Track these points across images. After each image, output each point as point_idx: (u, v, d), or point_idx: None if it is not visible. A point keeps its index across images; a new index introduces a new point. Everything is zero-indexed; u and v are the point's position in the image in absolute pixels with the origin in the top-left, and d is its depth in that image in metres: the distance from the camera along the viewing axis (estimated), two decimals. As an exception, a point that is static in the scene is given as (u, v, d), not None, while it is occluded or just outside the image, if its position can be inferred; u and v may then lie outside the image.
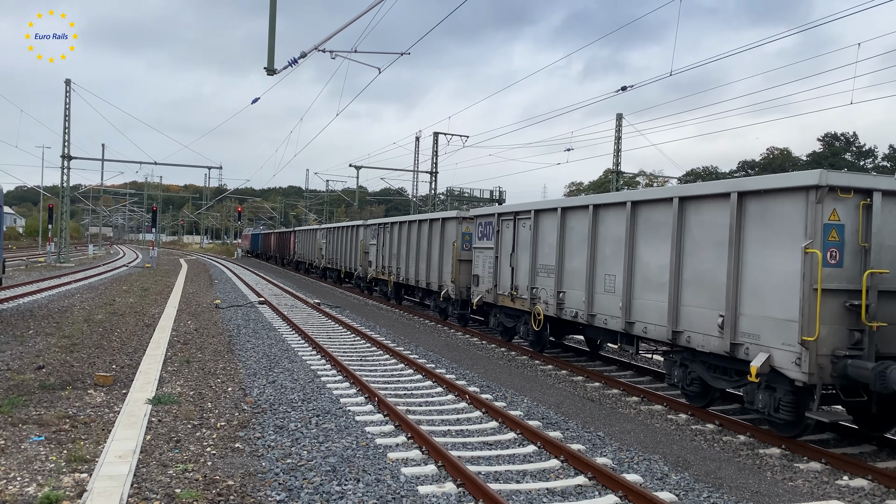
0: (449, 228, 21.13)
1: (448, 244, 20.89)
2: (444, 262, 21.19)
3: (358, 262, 32.73)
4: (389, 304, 27.56)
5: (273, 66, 16.57)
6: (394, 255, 26.43)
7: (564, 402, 11.44)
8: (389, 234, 27.04)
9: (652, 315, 11.33)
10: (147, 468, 7.16)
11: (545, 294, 14.76)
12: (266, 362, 13.72)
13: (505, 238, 16.73)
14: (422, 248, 23.27)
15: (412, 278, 24.33)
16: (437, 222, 22.19)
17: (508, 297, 16.35)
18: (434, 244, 22.17)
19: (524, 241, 15.76)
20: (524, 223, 15.83)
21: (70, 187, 50.06)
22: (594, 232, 13.03)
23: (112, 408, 9.60)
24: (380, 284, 29.45)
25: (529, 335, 15.73)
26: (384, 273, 27.71)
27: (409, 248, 24.66)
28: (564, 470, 7.85)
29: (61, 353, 13.55)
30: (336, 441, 8.54)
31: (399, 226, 26.10)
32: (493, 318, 17.86)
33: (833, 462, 8.50)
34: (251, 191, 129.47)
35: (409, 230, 24.62)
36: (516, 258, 16.10)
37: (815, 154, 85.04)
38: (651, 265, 11.46)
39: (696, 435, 9.85)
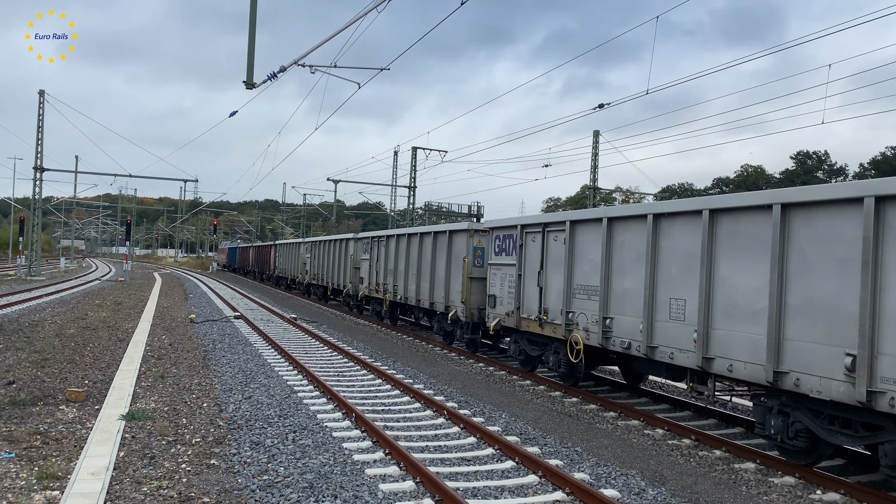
0: (458, 242, 18.86)
1: (457, 260, 18.72)
2: (452, 280, 18.94)
3: (347, 278, 30.31)
4: (382, 325, 25.30)
5: (252, 79, 16.54)
6: (390, 272, 24.13)
7: (542, 418, 11.46)
8: (385, 249, 24.75)
9: (740, 350, 9.20)
10: (120, 485, 7.05)
11: (585, 320, 12.64)
12: (242, 377, 13.58)
13: (530, 253, 14.66)
14: (424, 263, 21.01)
15: (412, 297, 21.94)
16: (443, 235, 19.89)
17: (535, 322, 14.21)
18: (439, 259, 19.91)
19: (556, 256, 13.70)
20: (556, 236, 13.76)
21: (42, 199, 49.35)
22: (654, 246, 10.95)
23: (84, 424, 9.45)
24: (372, 303, 26.78)
25: (561, 366, 13.60)
26: (378, 291, 25.36)
27: (408, 264, 22.37)
28: (542, 485, 7.86)
29: (32, 368, 13.31)
30: (313, 457, 8.48)
31: (397, 239, 23.63)
32: (513, 345, 15.74)
33: (807, 476, 8.60)
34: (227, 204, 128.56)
35: (410, 244, 22.31)
36: (545, 277, 14.04)
37: (788, 172, 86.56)
38: (739, 288, 9.36)
39: (673, 450, 9.92)
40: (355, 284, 28.93)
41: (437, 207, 60.65)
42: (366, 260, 27.04)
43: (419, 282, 21.30)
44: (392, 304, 24.43)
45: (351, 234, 31.77)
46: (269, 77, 16.76)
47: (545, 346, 14.37)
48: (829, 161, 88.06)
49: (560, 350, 13.57)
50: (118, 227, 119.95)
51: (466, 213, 59.44)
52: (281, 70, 16.80)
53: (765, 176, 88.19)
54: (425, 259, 20.94)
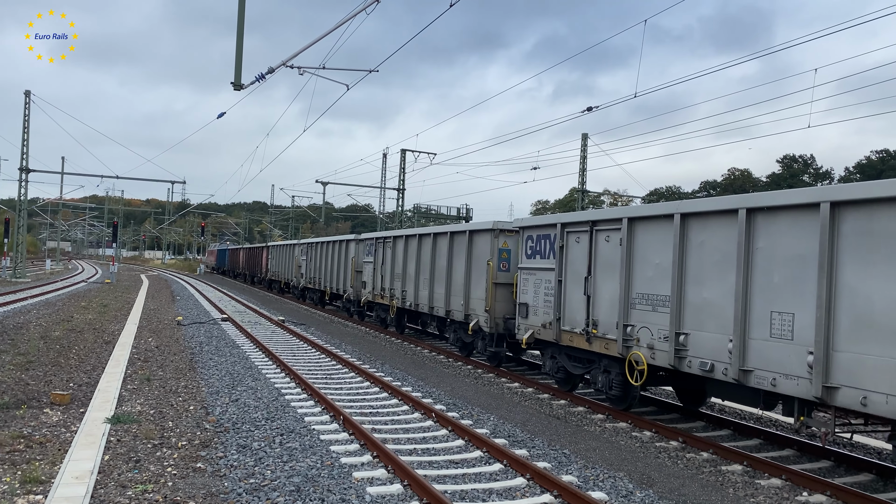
0: (480, 243, 16.90)
1: (478, 263, 16.81)
2: (473, 286, 17.02)
3: (348, 282, 28.24)
4: (387, 333, 23.43)
5: (240, 81, 16.48)
6: (397, 276, 22.08)
7: (530, 420, 11.46)
8: (392, 250, 22.65)
9: (880, 379, 7.50)
10: (105, 489, 6.98)
11: (648, 335, 10.85)
12: (229, 380, 13.50)
13: (574, 256, 12.85)
14: (439, 267, 19.10)
15: (424, 304, 19.98)
16: (461, 236, 17.98)
17: (581, 336, 12.41)
18: (457, 263, 18.01)
19: (608, 260, 11.90)
20: (608, 236, 11.98)
21: (28, 201, 48.95)
22: (748, 248, 9.20)
23: (69, 427, 9.36)
24: (376, 309, 24.82)
25: (612, 387, 11.90)
26: (383, 296, 23.30)
27: (419, 268, 20.45)
28: (530, 488, 7.85)
29: (16, 370, 13.18)
30: (300, 460, 8.43)
31: (406, 240, 21.60)
32: (548, 361, 13.87)
33: (793, 478, 8.64)
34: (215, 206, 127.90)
35: (421, 245, 20.37)
36: (594, 284, 12.24)
37: (775, 175, 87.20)
38: (876, 300, 7.67)
39: (661, 452, 9.94)
40: (357, 289, 26.99)
41: (427, 210, 60.64)
42: (369, 263, 25.13)
43: (433, 287, 19.46)
44: (400, 312, 22.43)
45: (352, 234, 30.01)
46: (257, 78, 16.71)
47: (590, 363, 12.61)
48: (815, 165, 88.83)
49: (612, 369, 11.86)
50: (105, 228, 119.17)
51: (455, 215, 59.49)
52: (269, 71, 16.75)
53: (751, 179, 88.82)
54: (440, 262, 19.08)
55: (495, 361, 16.49)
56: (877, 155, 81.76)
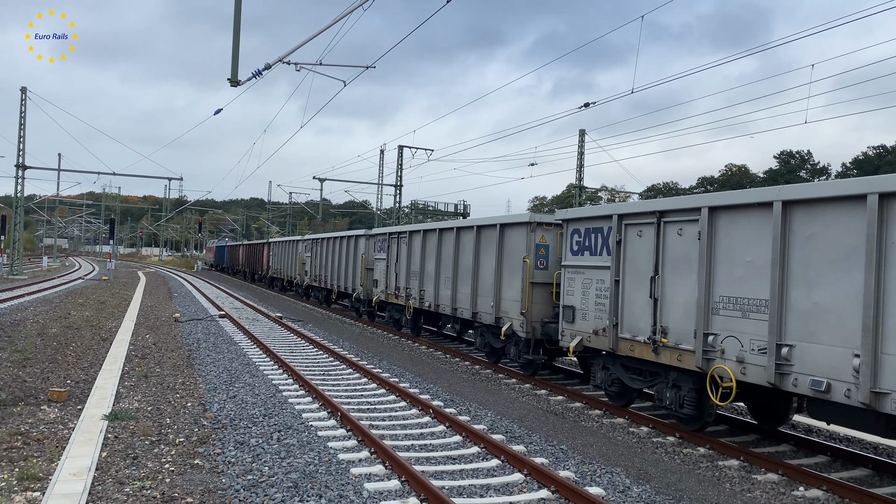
0: (513, 238, 15.23)
1: (511, 260, 15.18)
2: (505, 286, 15.37)
3: (357, 280, 26.52)
4: (401, 335, 21.89)
5: (237, 77, 16.44)
6: (414, 274, 20.43)
7: (528, 416, 11.48)
8: (408, 247, 20.91)
9: None
10: (103, 486, 6.99)
11: (737, 346, 9.23)
12: (227, 377, 13.50)
13: (635, 252, 11.16)
14: (463, 264, 17.48)
15: (446, 305, 18.34)
16: (490, 230, 16.31)
17: (646, 346, 10.74)
18: (485, 260, 16.40)
19: (681, 257, 10.17)
20: (681, 229, 10.24)
21: (24, 197, 48.84)
22: (880, 242, 7.67)
23: (66, 424, 9.35)
24: (389, 310, 23.11)
25: (683, 405, 10.24)
26: (397, 296, 21.60)
27: (440, 265, 18.82)
28: (528, 483, 7.87)
29: (13, 367, 13.16)
30: (298, 457, 8.44)
31: (424, 235, 19.96)
32: (600, 372, 12.29)
33: (790, 473, 8.67)
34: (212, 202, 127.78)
35: (442, 241, 18.79)
36: (661, 284, 10.45)
37: (772, 171, 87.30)
38: None
39: (658, 448, 9.96)
40: (367, 288, 25.25)
41: (424, 206, 60.65)
42: (382, 259, 23.32)
43: (456, 287, 17.77)
44: (416, 313, 20.72)
45: (363, 229, 28.43)
46: (253, 74, 16.67)
47: (654, 376, 11.02)
48: (812, 160, 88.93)
49: (683, 384, 10.27)
50: (102, 225, 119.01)
51: (453, 211, 59.51)
52: (266, 67, 16.71)
53: (749, 175, 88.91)
54: (465, 259, 17.43)
55: (530, 370, 14.76)
56: (874, 150, 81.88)
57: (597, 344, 12.08)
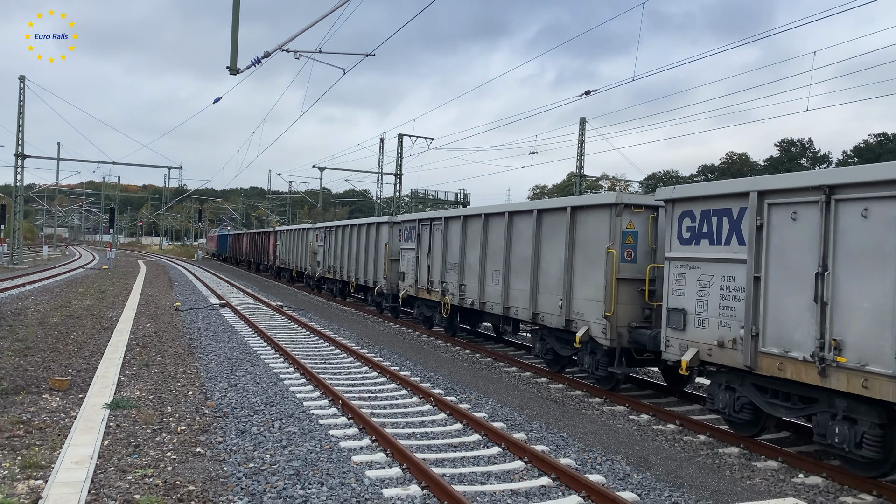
0: (591, 224, 12.56)
1: (589, 250, 12.54)
2: (580, 282, 12.77)
3: (380, 273, 24.10)
4: (431, 334, 19.58)
5: (236, 65, 16.38)
6: (452, 267, 18.06)
7: (528, 404, 11.51)
8: (443, 235, 18.50)
9: None
10: (105, 474, 7.01)
11: None
12: (227, 365, 13.53)
13: (787, 240, 8.73)
14: (518, 255, 14.96)
15: (494, 303, 15.78)
16: (556, 214, 13.66)
17: (807, 365, 8.29)
18: (549, 250, 13.79)
19: (867, 246, 7.77)
20: (865, 209, 7.83)
21: (24, 187, 48.79)
22: None
23: (68, 413, 9.38)
24: (418, 306, 20.65)
25: (861, 444, 7.83)
26: (429, 291, 19.35)
27: (485, 257, 16.30)
28: (528, 471, 7.90)
29: (15, 356, 13.19)
30: (299, 444, 8.47)
31: (465, 222, 17.44)
32: (723, 394, 9.66)
33: (789, 460, 8.70)
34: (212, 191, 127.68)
35: (489, 228, 16.25)
36: (832, 284, 8.08)
37: (773, 159, 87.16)
38: None
39: (658, 435, 10.00)
40: (392, 281, 22.97)
41: (424, 195, 60.61)
42: (409, 250, 21.02)
43: (508, 282, 15.23)
44: (454, 311, 18.35)
45: (385, 216, 26.40)
46: (253, 63, 16.60)
47: (810, 403, 8.60)
48: (813, 148, 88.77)
49: (862, 417, 7.89)
50: (102, 214, 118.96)
51: (453, 200, 59.49)
52: (265, 55, 16.64)
53: (749, 163, 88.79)
54: (520, 249, 14.88)
55: (609, 384, 12.26)
56: (875, 138, 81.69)
57: (722, 359, 9.46)
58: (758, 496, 7.51)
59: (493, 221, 16.13)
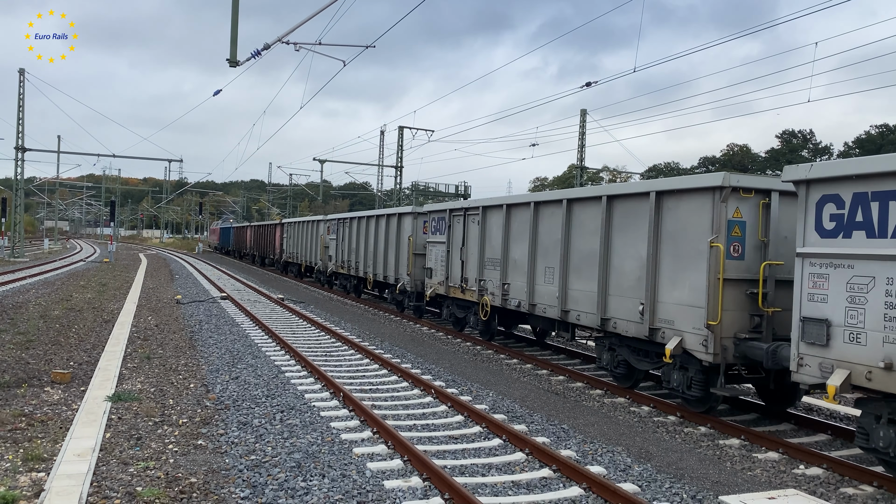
0: (683, 211, 10.37)
1: (682, 244, 10.35)
2: (668, 282, 10.60)
3: (403, 268, 22.10)
4: (465, 338, 17.50)
5: (235, 57, 16.34)
6: (492, 262, 15.86)
7: (529, 396, 11.52)
8: (480, 227, 16.48)
9: None
10: (107, 466, 7.03)
11: None
12: (229, 357, 13.55)
13: None
14: (578, 249, 12.82)
15: (547, 305, 13.66)
16: (634, 201, 11.43)
17: None
18: (624, 244, 11.62)
19: None
20: None
21: (24, 180, 48.78)
22: None
23: (70, 405, 9.40)
24: (449, 306, 18.57)
25: None
26: (464, 290, 17.21)
27: (535, 252, 14.17)
28: (529, 462, 7.91)
29: (16, 349, 13.21)
30: (301, 437, 8.48)
31: (507, 211, 15.27)
32: (884, 432, 7.65)
33: (790, 451, 8.71)
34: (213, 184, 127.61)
35: (540, 218, 14.11)
36: None
37: (774, 151, 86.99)
38: None
39: (659, 427, 10.01)
40: (417, 278, 20.96)
41: (425, 187, 60.59)
42: (439, 243, 18.90)
43: (566, 282, 13.11)
44: (494, 312, 16.13)
45: (409, 206, 24.61)
46: (253, 55, 16.56)
47: None
48: (815, 140, 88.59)
49: None
50: (102, 207, 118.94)
51: (454, 192, 59.48)
52: (265, 48, 16.60)
53: (750, 155, 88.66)
54: (581, 243, 12.76)
55: (703, 406, 10.29)
56: (876, 129, 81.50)
57: (890, 385, 7.37)
58: (759, 487, 7.53)
59: (546, 211, 13.90)
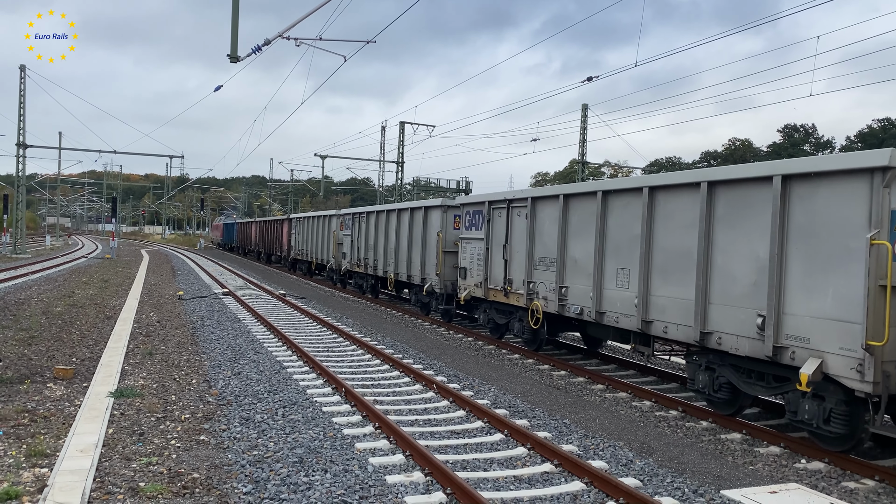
0: (824, 200, 8.34)
1: (822, 242, 8.30)
2: (799, 290, 8.52)
3: (431, 268, 20.06)
4: (512, 348, 15.49)
5: (236, 53, 16.33)
6: (544, 263, 13.83)
7: (531, 391, 11.53)
8: (529, 221, 14.35)
9: None
10: (110, 462, 7.05)
11: None
12: (231, 353, 13.57)
13: None
14: (665, 247, 10.67)
15: (621, 314, 11.52)
16: (754, 187, 9.17)
17: None
18: (732, 240, 9.43)
19: None
20: None
21: (26, 176, 48.81)
22: None
23: (73, 401, 9.42)
24: (487, 310, 16.60)
25: None
26: (507, 293, 15.19)
27: (604, 249, 12.05)
28: (531, 457, 7.92)
29: (19, 346, 13.23)
30: (303, 432, 8.50)
31: (566, 202, 13.24)
32: None
33: (791, 446, 8.72)
34: (214, 180, 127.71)
35: (609, 209, 12.03)
36: None
37: (776, 145, 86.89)
38: None
39: (660, 421, 10.02)
40: (446, 278, 19.06)
41: (426, 182, 60.59)
42: (474, 240, 16.90)
43: (647, 286, 10.91)
44: (546, 319, 14.02)
45: (438, 198, 22.32)
46: (253, 50, 16.55)
47: None
48: (816, 134, 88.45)
49: None
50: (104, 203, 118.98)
51: (455, 188, 59.49)
52: (266, 43, 16.59)
53: (752, 149, 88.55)
54: (669, 238, 10.57)
55: (845, 444, 8.33)
56: (878, 123, 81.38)
57: None
58: (760, 481, 7.54)
59: (618, 201, 11.85)
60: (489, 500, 6.41)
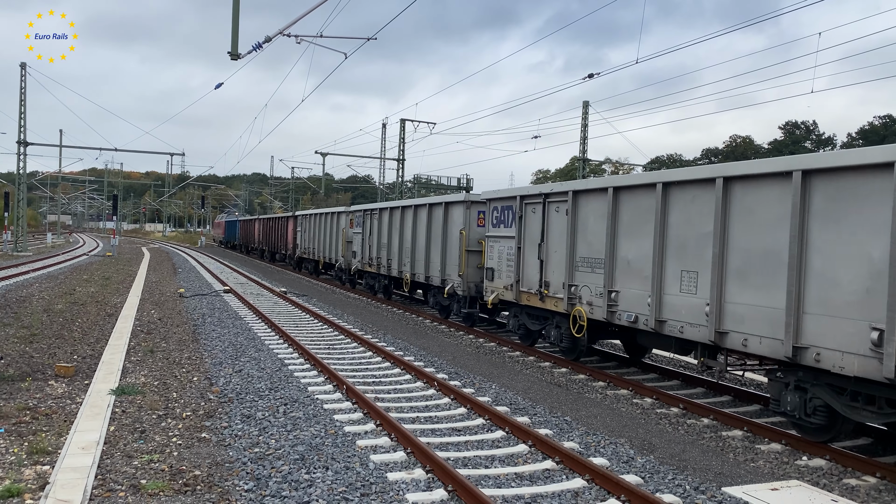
0: None
1: None
2: None
3: (454, 268, 18.56)
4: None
5: (237, 50, 16.32)
6: (588, 264, 12.47)
7: (532, 388, 11.54)
8: (570, 217, 12.97)
9: None
10: (111, 459, 7.05)
11: None
12: (232, 351, 13.57)
13: None
14: (743, 247, 9.23)
15: (686, 323, 10.09)
16: (862, 175, 7.76)
17: None
18: (832, 239, 8.07)
19: None
20: None
21: (27, 174, 48.82)
22: None
23: (74, 399, 9.43)
24: (518, 315, 15.26)
25: None
26: (543, 297, 13.77)
27: (665, 249, 10.62)
28: (532, 454, 7.93)
29: (20, 343, 13.24)
30: (304, 429, 8.50)
31: (615, 195, 11.83)
32: None
33: (793, 443, 8.72)
34: (215, 178, 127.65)
35: (670, 203, 10.58)
36: None
37: (777, 142, 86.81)
38: None
39: (661, 419, 10.02)
40: (469, 280, 17.68)
41: (427, 180, 60.56)
42: (503, 238, 15.46)
43: (722, 292, 9.46)
44: (592, 327, 12.67)
45: (461, 194, 20.77)
46: (254, 48, 16.53)
47: None
48: (818, 131, 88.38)
49: None
50: (105, 201, 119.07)
51: (456, 185, 59.47)
52: (266, 40, 16.57)
53: (753, 146, 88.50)
54: (748, 236, 9.20)
55: None
56: (880, 120, 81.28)
57: None
58: (761, 478, 7.54)
59: (682, 195, 10.35)
60: (490, 497, 6.41)
